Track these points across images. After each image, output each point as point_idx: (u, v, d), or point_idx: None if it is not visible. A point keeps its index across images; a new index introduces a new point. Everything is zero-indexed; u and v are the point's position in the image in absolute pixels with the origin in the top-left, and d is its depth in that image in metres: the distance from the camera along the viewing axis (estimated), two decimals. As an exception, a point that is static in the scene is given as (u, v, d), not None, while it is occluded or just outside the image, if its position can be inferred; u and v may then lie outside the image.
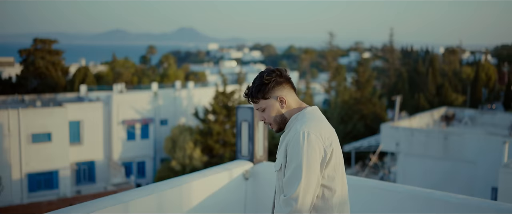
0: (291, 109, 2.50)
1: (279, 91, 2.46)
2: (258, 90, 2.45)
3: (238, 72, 49.20)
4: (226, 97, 30.26)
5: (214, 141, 29.22)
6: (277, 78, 2.46)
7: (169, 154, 29.80)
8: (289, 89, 2.50)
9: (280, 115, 2.46)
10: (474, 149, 15.81)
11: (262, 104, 2.46)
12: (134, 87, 38.51)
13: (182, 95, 33.65)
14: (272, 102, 2.45)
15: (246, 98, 2.52)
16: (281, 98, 2.46)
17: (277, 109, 2.46)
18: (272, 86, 2.44)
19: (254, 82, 2.49)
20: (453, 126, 21.04)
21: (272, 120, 2.47)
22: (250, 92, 2.48)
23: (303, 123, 2.37)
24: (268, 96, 2.44)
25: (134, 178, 29.55)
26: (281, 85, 2.47)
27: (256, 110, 2.53)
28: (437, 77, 58.93)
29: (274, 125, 2.49)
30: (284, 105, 2.47)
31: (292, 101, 2.51)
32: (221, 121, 29.67)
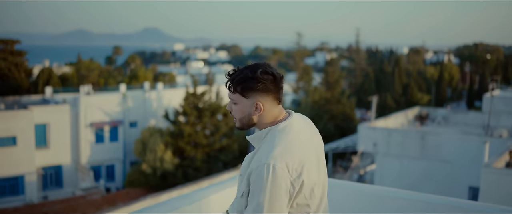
0: (265, 119, 2.22)
1: (261, 97, 2.19)
2: (240, 83, 2.17)
3: (207, 73, 48.81)
4: (197, 98, 29.88)
5: (185, 143, 28.81)
6: (267, 83, 2.17)
7: (139, 157, 29.23)
8: (274, 99, 2.21)
9: (248, 118, 2.22)
10: (451, 149, 15.95)
11: (236, 98, 2.20)
12: (101, 89, 37.66)
13: (152, 97, 33.07)
14: (247, 103, 2.19)
15: (226, 78, 2.23)
16: (257, 105, 2.19)
17: (248, 111, 2.20)
18: (258, 88, 2.16)
19: (242, 71, 2.20)
20: (427, 125, 21.26)
21: (237, 117, 2.24)
22: (232, 79, 2.20)
23: (271, 150, 2.11)
24: (247, 95, 2.18)
25: (103, 182, 28.85)
26: (268, 92, 2.19)
27: (229, 97, 2.26)
28: (403, 77, 59.87)
29: (238, 122, 2.25)
30: (258, 113, 2.20)
31: (269, 114, 2.23)
32: (192, 122, 29.29)
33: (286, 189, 2.09)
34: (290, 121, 2.24)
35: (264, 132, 2.23)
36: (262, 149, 2.17)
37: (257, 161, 2.12)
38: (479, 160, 14.15)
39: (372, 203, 3.23)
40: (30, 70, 39.99)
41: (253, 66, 2.21)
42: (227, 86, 2.22)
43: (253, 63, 2.26)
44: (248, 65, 2.23)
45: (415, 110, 22.50)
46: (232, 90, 2.21)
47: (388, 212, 3.21)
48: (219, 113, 30.29)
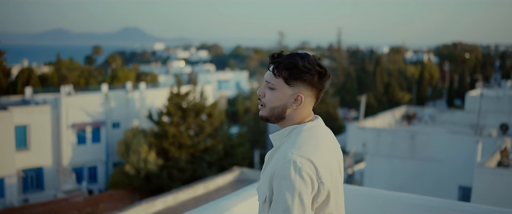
0: (296, 115, 2.04)
1: (305, 90, 2.01)
2: (288, 68, 1.97)
3: (190, 72, 48.37)
4: (181, 98, 29.53)
5: (169, 144, 28.45)
6: (315, 77, 2.00)
7: (122, 158, 28.77)
8: (314, 97, 2.04)
9: (282, 109, 2.03)
10: (440, 148, 15.94)
11: (277, 84, 2.00)
12: (82, 89, 37.04)
13: (134, 97, 32.61)
14: (289, 92, 2.00)
15: (269, 61, 2.03)
16: (298, 97, 2.01)
17: (286, 102, 2.01)
18: (305, 78, 1.98)
19: (292, 56, 2.00)
20: (414, 124, 21.28)
21: (270, 105, 2.03)
22: (278, 62, 2.00)
23: (296, 146, 1.94)
24: (292, 83, 1.98)
25: (85, 184, 28.32)
26: (313, 87, 2.01)
27: (265, 82, 2.05)
28: (384, 76, 60.24)
29: (267, 111, 2.05)
30: (296, 106, 2.02)
31: (302, 110, 2.05)
32: (176, 122, 28.93)
33: (313, 190, 1.92)
34: (317, 123, 2.07)
35: (287, 130, 2.04)
36: (286, 145, 1.98)
37: (281, 158, 1.94)
38: (469, 159, 14.16)
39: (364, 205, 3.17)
40: (9, 70, 39.16)
41: (304, 54, 2.03)
42: (271, 68, 2.02)
43: (303, 51, 2.07)
44: (298, 52, 2.04)
45: (402, 109, 22.53)
46: (276, 73, 2.00)
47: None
48: (204, 113, 30.00)
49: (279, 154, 1.97)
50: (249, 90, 50.41)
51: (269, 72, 2.05)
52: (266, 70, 2.12)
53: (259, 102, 2.11)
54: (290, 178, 1.89)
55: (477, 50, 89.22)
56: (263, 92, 2.07)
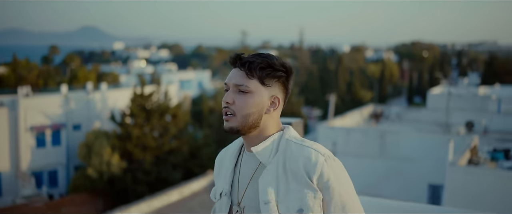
0: (272, 122, 1.84)
1: (279, 90, 1.82)
2: (263, 67, 1.77)
3: (152, 72, 47.61)
4: (144, 99, 28.92)
5: (133, 146, 27.80)
6: (287, 77, 1.83)
7: (84, 161, 27.93)
8: (284, 100, 1.87)
9: (258, 116, 1.78)
10: (410, 147, 16.04)
11: (251, 86, 1.77)
12: (41, 90, 35.84)
13: (96, 98, 31.75)
14: (264, 94, 1.78)
15: (231, 60, 1.84)
16: (276, 99, 1.81)
17: (262, 106, 1.79)
18: (280, 78, 1.81)
19: (263, 56, 1.81)
20: (382, 123, 21.41)
21: (242, 112, 1.77)
22: (248, 61, 1.78)
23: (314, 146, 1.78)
24: (268, 83, 1.78)
25: (46, 189, 27.38)
26: (284, 88, 1.84)
27: (233, 86, 1.79)
28: (346, 75, 60.91)
29: (239, 120, 1.78)
30: (272, 110, 1.81)
31: (277, 116, 1.87)
32: (140, 124, 28.31)
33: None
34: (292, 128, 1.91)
35: (274, 141, 1.81)
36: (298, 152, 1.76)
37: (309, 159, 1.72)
38: (439, 158, 14.26)
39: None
40: (-39, 71, 37.57)
41: (270, 54, 1.86)
42: (240, 67, 1.79)
43: (266, 52, 1.89)
44: (267, 54, 1.84)
45: (369, 108, 22.66)
46: (248, 74, 1.77)
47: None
48: (168, 114, 29.47)
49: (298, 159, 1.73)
50: (212, 90, 49.99)
51: (238, 74, 1.79)
52: (227, 70, 1.85)
53: (224, 112, 1.81)
54: (342, 172, 1.80)
55: (435, 49, 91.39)
56: (232, 98, 1.79)
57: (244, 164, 1.90)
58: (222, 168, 2.01)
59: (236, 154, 1.97)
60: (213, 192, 2.03)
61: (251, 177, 1.85)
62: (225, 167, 1.97)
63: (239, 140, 1.99)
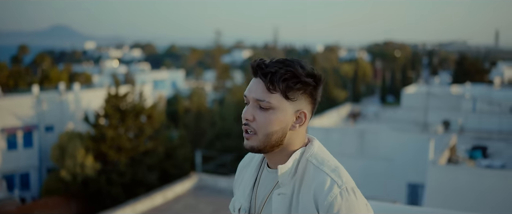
0: (297, 139, 1.66)
1: (306, 103, 1.62)
2: (286, 79, 1.55)
3: (126, 72, 47.04)
4: (119, 100, 28.48)
5: (108, 147, 27.33)
6: (315, 88, 1.62)
7: (57, 163, 27.35)
8: (311, 113, 1.68)
9: (282, 132, 1.60)
10: (389, 146, 16.12)
11: (274, 101, 1.56)
12: (11, 91, 34.98)
13: (69, 99, 31.13)
14: (289, 109, 1.58)
15: (252, 69, 1.62)
16: (301, 114, 1.62)
17: (286, 123, 1.60)
18: (307, 90, 1.60)
19: (288, 64, 1.58)
20: (360, 122, 21.51)
21: (266, 130, 1.59)
22: (271, 72, 1.56)
23: (334, 171, 1.60)
24: (293, 96, 1.58)
25: (18, 192, 26.66)
26: (312, 100, 1.64)
27: (253, 100, 1.60)
28: (320, 74, 61.23)
29: (261, 139, 1.60)
30: (298, 126, 1.62)
31: (303, 132, 1.68)
32: (115, 125, 27.85)
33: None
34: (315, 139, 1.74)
35: (295, 160, 1.62)
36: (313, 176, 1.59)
37: (324, 191, 1.54)
38: (418, 157, 14.36)
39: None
40: None
41: (297, 60, 1.62)
42: (265, 80, 1.57)
43: (291, 57, 1.65)
44: (292, 60, 1.61)
45: (347, 107, 22.74)
46: (271, 87, 1.56)
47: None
48: (143, 114, 29.09)
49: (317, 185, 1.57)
50: (187, 89, 49.63)
51: (259, 86, 1.59)
52: (201, 69, 1.69)
53: (244, 129, 1.63)
54: (360, 209, 1.56)
55: (406, 48, 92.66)
56: (252, 115, 1.61)
57: (263, 180, 1.76)
58: (243, 179, 1.88)
59: (258, 167, 1.82)
60: (232, 203, 1.90)
61: (267, 196, 1.72)
62: (246, 180, 1.83)
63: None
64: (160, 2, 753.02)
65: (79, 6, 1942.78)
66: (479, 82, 48.96)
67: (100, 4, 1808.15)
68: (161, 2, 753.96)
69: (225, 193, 14.79)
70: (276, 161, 1.69)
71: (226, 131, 33.92)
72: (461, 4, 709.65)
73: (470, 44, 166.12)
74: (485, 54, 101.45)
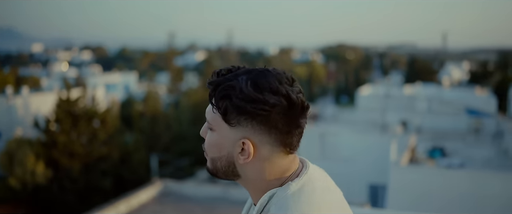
0: (261, 174, 1.29)
1: (255, 133, 1.25)
2: (225, 97, 1.23)
3: (77, 76, 45.70)
4: (71, 104, 27.57)
5: (59, 153, 26.38)
6: (274, 113, 1.21)
7: (5, 171, 26.20)
8: (279, 145, 1.26)
9: (227, 161, 1.29)
10: (350, 147, 16.14)
11: (213, 121, 1.28)
12: (-46, 96, 33.34)
13: (17, 104, 29.89)
14: (229, 135, 1.27)
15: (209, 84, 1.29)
16: (244, 145, 1.26)
17: (227, 152, 1.28)
18: (254, 114, 1.22)
19: (237, 76, 1.25)
20: (319, 124, 21.54)
21: (209, 154, 1.32)
22: (214, 86, 1.27)
23: None
24: (231, 121, 1.25)
25: (-38, 203, 25.37)
26: (271, 128, 1.24)
27: (206, 115, 1.33)
28: (274, 76, 61.54)
29: (208, 162, 1.34)
30: (243, 159, 1.27)
31: (269, 166, 1.29)
32: (67, 130, 26.93)
33: None
34: (309, 177, 1.30)
35: (261, 205, 1.28)
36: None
37: None
38: (378, 158, 14.43)
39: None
40: None
41: (260, 72, 1.25)
42: (210, 97, 1.30)
43: (264, 67, 1.29)
44: (253, 69, 1.27)
45: (305, 109, 22.71)
46: (213, 103, 1.27)
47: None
48: (96, 119, 28.28)
49: None
50: (140, 93, 48.73)
51: (210, 104, 1.32)
52: (154, 72, 1.41)
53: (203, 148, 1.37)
54: None
55: (359, 51, 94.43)
56: (205, 133, 1.35)
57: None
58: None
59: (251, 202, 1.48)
60: None
61: None
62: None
63: None
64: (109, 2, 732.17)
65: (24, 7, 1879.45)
66: (430, 82, 50.33)
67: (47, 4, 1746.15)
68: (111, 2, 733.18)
69: (191, 199, 14.44)
70: (253, 196, 1.36)
71: (182, 135, 33.45)
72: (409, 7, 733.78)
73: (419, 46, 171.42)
74: (434, 55, 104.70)
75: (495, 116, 24.22)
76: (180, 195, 14.62)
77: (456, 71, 79.71)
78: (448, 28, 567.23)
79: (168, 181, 17.86)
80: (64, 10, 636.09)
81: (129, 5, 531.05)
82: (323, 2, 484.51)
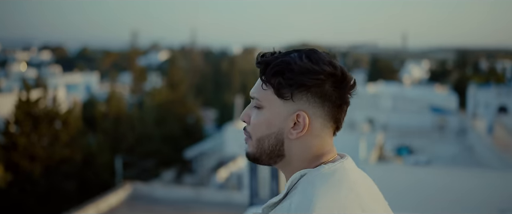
0: (304, 151, 1.27)
1: (309, 106, 1.25)
2: (281, 72, 1.24)
3: (37, 76, 44.49)
4: (31, 105, 26.84)
5: (20, 156, 25.64)
6: (327, 84, 1.24)
7: (-38, 176, 25.24)
8: (329, 119, 1.27)
9: (275, 141, 1.26)
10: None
11: (264, 98, 1.28)
12: None
13: (-27, 105, 28.86)
14: (281, 110, 1.26)
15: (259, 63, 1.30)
16: (300, 116, 1.25)
17: (278, 128, 1.26)
18: (311, 86, 1.23)
19: (286, 54, 1.29)
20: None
21: (255, 134, 1.29)
22: (265, 63, 1.28)
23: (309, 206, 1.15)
24: (286, 95, 1.24)
25: None
26: (324, 100, 1.25)
27: (252, 98, 1.32)
28: (239, 75, 61.47)
29: (254, 144, 1.29)
30: (296, 133, 1.26)
31: (313, 141, 1.27)
32: (27, 132, 26.19)
33: None
34: (345, 165, 1.28)
35: (292, 181, 1.24)
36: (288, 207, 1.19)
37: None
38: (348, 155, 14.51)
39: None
40: None
41: (310, 50, 1.30)
42: (260, 76, 1.30)
43: (307, 48, 1.32)
44: (296, 52, 1.29)
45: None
46: (265, 82, 1.27)
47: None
48: (58, 120, 27.63)
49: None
50: (102, 93, 47.89)
51: (257, 83, 1.33)
52: (116, 72, 1.34)
53: (244, 133, 1.32)
54: None
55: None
56: (248, 115, 1.33)
57: None
58: None
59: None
60: None
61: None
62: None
63: None
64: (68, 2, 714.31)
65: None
66: (391, 80, 51.23)
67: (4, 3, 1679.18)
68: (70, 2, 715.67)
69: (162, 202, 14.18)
70: (287, 178, 1.33)
71: (147, 135, 32.99)
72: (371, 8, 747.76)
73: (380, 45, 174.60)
74: (394, 55, 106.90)
75: (457, 113, 24.80)
76: (150, 198, 14.36)
77: (416, 70, 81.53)
78: (407, 28, 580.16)
79: (137, 184, 17.47)
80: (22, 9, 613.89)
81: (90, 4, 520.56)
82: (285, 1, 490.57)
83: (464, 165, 14.53)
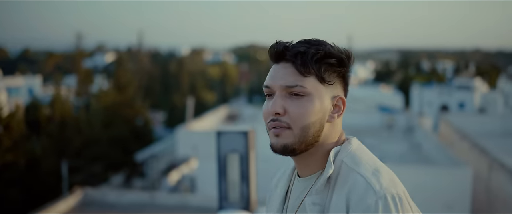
0: (334, 133, 1.36)
1: (341, 89, 1.37)
2: (321, 59, 1.30)
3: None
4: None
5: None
6: (350, 63, 1.36)
7: None
8: (347, 95, 1.44)
9: (318, 129, 1.31)
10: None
11: (309, 85, 1.29)
12: None
13: None
14: (325, 95, 1.32)
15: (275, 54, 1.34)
16: (340, 101, 1.35)
17: (323, 113, 1.32)
18: (342, 72, 1.35)
19: (314, 43, 1.32)
20: (238, 124, 21.51)
21: (300, 124, 1.29)
22: (300, 52, 1.29)
23: (373, 174, 1.26)
24: (330, 79, 1.32)
25: None
26: (345, 84, 1.40)
27: (280, 89, 1.29)
28: (187, 77, 61.06)
29: (295, 135, 1.30)
30: (336, 116, 1.34)
31: (340, 123, 1.40)
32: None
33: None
34: (356, 140, 1.41)
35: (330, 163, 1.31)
36: (346, 181, 1.27)
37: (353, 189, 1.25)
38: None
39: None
40: None
41: (320, 40, 1.38)
42: (295, 62, 1.30)
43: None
44: (312, 39, 1.36)
45: (223, 109, 22.62)
46: (303, 70, 1.29)
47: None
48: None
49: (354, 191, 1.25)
50: (46, 96, 46.39)
51: (286, 71, 1.31)
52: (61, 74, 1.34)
53: (272, 125, 1.32)
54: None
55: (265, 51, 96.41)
56: (282, 107, 1.29)
57: (294, 192, 1.44)
58: (274, 193, 1.55)
59: (288, 179, 1.51)
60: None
61: (299, 205, 1.39)
62: (277, 193, 1.52)
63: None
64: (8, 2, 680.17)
65: None
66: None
67: None
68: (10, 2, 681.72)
69: (115, 207, 13.81)
70: (308, 164, 1.37)
71: (94, 138, 32.16)
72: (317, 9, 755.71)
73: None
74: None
75: (403, 112, 25.53)
76: (103, 203, 13.96)
77: (361, 70, 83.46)
78: (352, 29, 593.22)
79: (88, 189, 16.93)
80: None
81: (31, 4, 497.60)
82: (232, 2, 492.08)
83: (412, 162, 14.98)
